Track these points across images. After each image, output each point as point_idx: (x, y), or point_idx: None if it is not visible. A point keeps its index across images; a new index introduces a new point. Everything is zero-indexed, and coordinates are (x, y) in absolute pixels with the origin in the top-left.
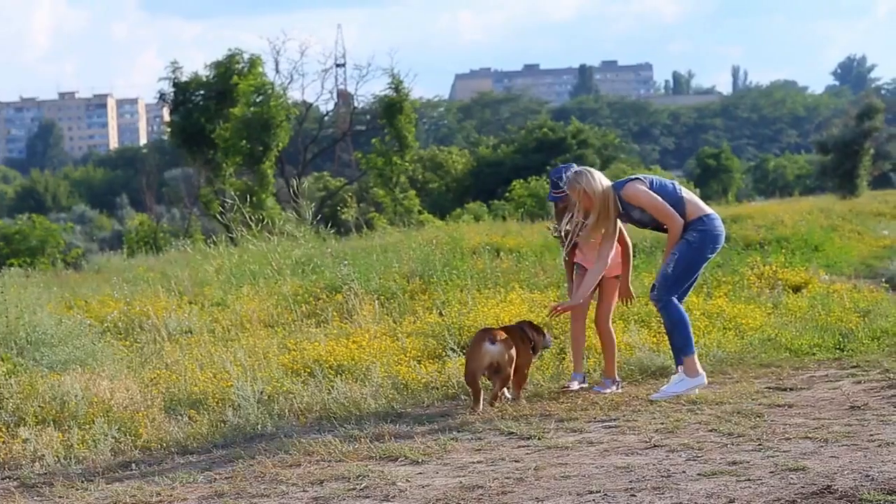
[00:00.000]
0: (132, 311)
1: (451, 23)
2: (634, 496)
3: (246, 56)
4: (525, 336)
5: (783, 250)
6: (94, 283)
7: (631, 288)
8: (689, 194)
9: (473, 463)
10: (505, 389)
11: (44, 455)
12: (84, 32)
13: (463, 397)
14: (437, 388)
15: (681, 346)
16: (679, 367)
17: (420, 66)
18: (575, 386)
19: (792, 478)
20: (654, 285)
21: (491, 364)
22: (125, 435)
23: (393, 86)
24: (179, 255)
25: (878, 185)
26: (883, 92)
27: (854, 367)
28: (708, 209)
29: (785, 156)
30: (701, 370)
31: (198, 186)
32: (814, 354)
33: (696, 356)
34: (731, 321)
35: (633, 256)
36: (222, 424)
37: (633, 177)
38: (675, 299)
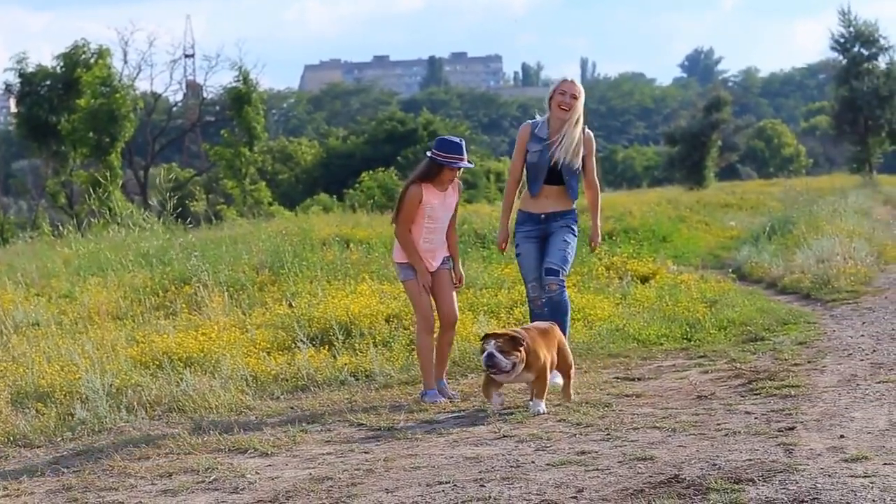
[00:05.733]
0: None
1: (301, 14)
2: (484, 486)
3: (93, 47)
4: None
5: (631, 241)
6: None
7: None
8: None
9: (323, 454)
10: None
11: None
12: None
13: (312, 389)
14: (287, 380)
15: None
16: None
17: (269, 56)
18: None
19: (640, 467)
20: (555, 269)
21: None
22: None
23: (240, 78)
24: (26, 247)
25: (725, 177)
26: (730, 84)
27: (701, 356)
28: None
29: (633, 147)
30: None
31: (45, 178)
32: (661, 345)
33: None
34: (579, 311)
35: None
36: (70, 418)
37: None
38: None
